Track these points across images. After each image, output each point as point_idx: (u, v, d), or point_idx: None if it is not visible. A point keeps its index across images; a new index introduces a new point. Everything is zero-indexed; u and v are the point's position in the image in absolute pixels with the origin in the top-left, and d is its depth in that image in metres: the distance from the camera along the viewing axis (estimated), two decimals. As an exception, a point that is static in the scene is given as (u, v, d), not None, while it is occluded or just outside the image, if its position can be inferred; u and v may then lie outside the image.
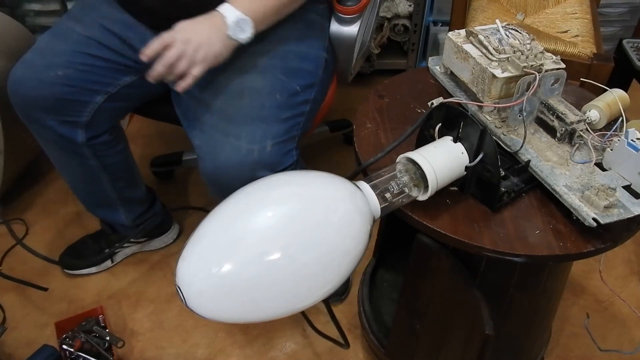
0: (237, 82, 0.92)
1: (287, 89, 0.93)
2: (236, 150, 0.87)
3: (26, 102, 0.99)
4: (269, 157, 0.88)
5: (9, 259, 1.34)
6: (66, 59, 0.97)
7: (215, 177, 0.89)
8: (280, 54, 0.95)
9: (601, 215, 0.60)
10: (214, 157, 0.88)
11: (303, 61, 0.97)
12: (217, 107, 0.91)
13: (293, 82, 0.94)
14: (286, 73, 0.94)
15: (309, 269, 0.53)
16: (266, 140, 0.88)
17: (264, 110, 0.90)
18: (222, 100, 0.92)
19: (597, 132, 0.71)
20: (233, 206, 0.57)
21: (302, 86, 0.95)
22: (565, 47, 1.23)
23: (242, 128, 0.88)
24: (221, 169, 0.88)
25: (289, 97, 0.93)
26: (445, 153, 0.64)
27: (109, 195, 1.17)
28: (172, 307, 1.24)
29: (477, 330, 0.69)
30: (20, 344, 1.16)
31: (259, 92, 0.91)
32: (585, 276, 1.31)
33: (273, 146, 0.88)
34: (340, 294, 1.24)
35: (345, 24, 1.04)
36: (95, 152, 1.08)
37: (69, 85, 0.97)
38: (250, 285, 0.52)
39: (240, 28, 0.86)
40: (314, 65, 0.99)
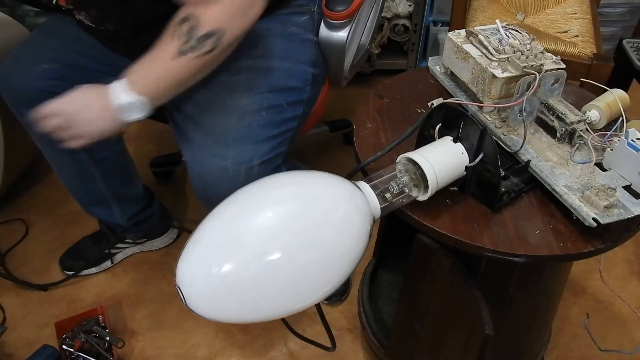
0: (224, 100, 0.91)
1: (274, 106, 0.92)
2: (223, 171, 0.87)
3: (13, 95, 1.00)
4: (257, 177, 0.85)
5: (9, 259, 1.34)
6: (54, 54, 0.98)
7: (203, 193, 0.90)
8: (265, 71, 0.93)
9: (601, 215, 0.60)
10: (201, 176, 0.89)
11: (289, 78, 0.95)
12: (204, 124, 0.91)
13: (280, 99, 0.93)
14: (272, 91, 0.92)
15: (309, 269, 0.53)
16: (253, 160, 0.88)
17: (251, 130, 0.89)
18: (208, 118, 0.91)
19: (597, 132, 0.71)
20: (233, 206, 0.57)
21: (289, 103, 0.94)
22: (565, 47, 1.23)
23: (229, 149, 0.88)
24: (209, 188, 0.88)
25: (276, 114, 0.92)
26: (445, 153, 0.64)
27: (103, 192, 1.16)
28: (172, 307, 1.24)
29: (477, 330, 0.69)
30: (20, 344, 1.16)
31: (245, 111, 0.90)
32: (585, 276, 1.31)
33: (260, 165, 0.88)
34: (341, 294, 1.24)
35: (335, 29, 1.01)
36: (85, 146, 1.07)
37: (55, 79, 0.97)
38: (250, 285, 0.52)
39: (130, 111, 0.81)
40: (301, 82, 0.97)
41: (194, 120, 0.92)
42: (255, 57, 0.93)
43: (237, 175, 0.87)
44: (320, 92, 1.08)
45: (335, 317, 1.21)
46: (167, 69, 0.80)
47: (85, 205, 1.22)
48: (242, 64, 0.92)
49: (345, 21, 1.00)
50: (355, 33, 1.11)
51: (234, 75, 0.92)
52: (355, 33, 1.11)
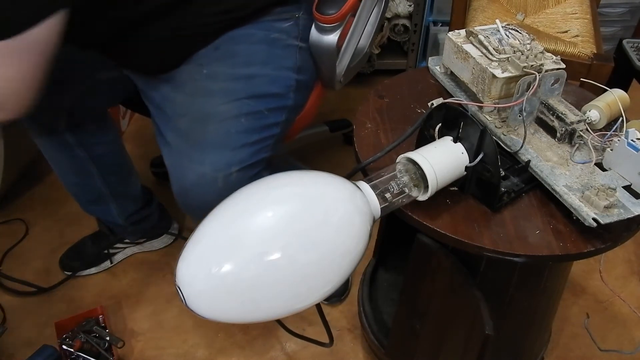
0: (201, 105, 0.90)
1: (254, 113, 0.90)
2: (200, 177, 0.86)
3: None
4: (235, 183, 0.86)
5: (9, 259, 1.34)
6: None
7: (182, 199, 0.90)
8: (245, 77, 0.91)
9: (601, 215, 0.60)
10: (180, 181, 0.88)
11: (271, 85, 0.93)
12: (183, 129, 0.90)
13: (260, 105, 0.91)
14: (252, 97, 0.91)
15: (309, 269, 0.53)
16: (231, 166, 0.87)
17: (229, 136, 0.88)
18: (187, 123, 0.90)
19: (597, 132, 0.71)
20: (233, 206, 0.57)
21: (270, 109, 0.92)
22: (565, 47, 1.23)
23: (206, 155, 0.87)
24: (187, 193, 0.88)
25: (255, 120, 0.90)
26: (445, 153, 0.64)
27: (101, 190, 1.16)
28: (172, 307, 1.24)
29: (477, 330, 0.69)
30: (20, 344, 1.16)
31: (223, 117, 0.89)
32: (585, 276, 1.31)
33: (238, 172, 0.87)
34: (340, 294, 1.24)
35: (325, 32, 0.99)
36: (80, 141, 1.07)
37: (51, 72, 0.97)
38: (250, 285, 0.52)
39: None
40: (284, 89, 0.95)
41: (173, 124, 0.91)
42: (236, 64, 0.92)
43: (214, 181, 0.86)
44: (308, 97, 1.06)
45: (335, 317, 1.21)
46: None
47: (82, 203, 1.22)
48: (222, 71, 0.91)
49: (335, 25, 0.98)
50: (353, 36, 1.10)
51: (213, 82, 0.90)
52: (353, 36, 1.10)
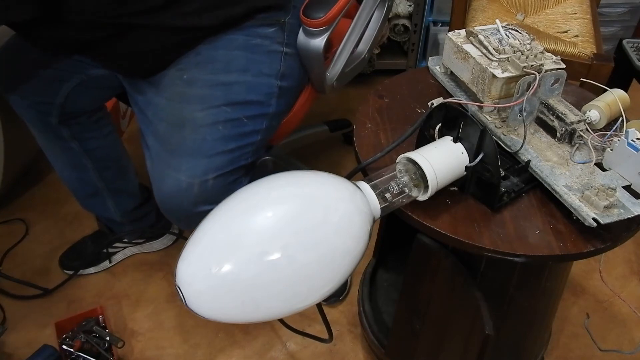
0: (179, 111, 0.89)
1: (231, 120, 0.89)
2: (176, 183, 0.86)
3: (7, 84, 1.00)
4: (211, 191, 0.86)
5: (9, 259, 1.34)
6: None
7: (161, 204, 0.89)
8: (222, 85, 0.90)
9: (601, 215, 0.60)
10: (158, 186, 0.88)
11: (250, 92, 0.92)
12: (162, 134, 0.90)
13: (238, 113, 0.90)
14: (230, 104, 0.89)
15: (309, 269, 0.53)
16: (207, 174, 0.86)
17: (205, 143, 0.87)
18: (165, 128, 0.90)
19: (597, 132, 0.71)
20: (233, 206, 0.57)
21: (249, 117, 0.91)
22: (565, 47, 1.23)
23: (182, 161, 0.87)
24: (164, 199, 0.88)
25: (233, 128, 0.89)
26: (445, 153, 0.64)
27: (96, 184, 1.17)
28: (172, 307, 1.24)
29: (477, 330, 0.69)
30: (20, 344, 1.16)
31: (199, 125, 0.88)
32: (585, 276, 1.31)
33: (215, 179, 0.87)
34: (339, 294, 1.24)
35: (312, 36, 0.97)
36: (73, 134, 1.08)
37: (44, 67, 0.98)
38: (250, 285, 0.52)
39: None
40: (264, 96, 0.93)
41: (153, 127, 0.91)
42: (215, 71, 0.90)
43: (190, 188, 0.86)
44: (293, 103, 1.05)
45: (335, 317, 1.21)
46: None
47: (80, 197, 1.22)
48: (200, 77, 0.90)
49: (322, 29, 0.96)
50: (349, 40, 1.08)
51: (190, 87, 0.90)
52: (349, 40, 1.08)
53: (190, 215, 0.87)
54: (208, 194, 0.86)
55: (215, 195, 0.86)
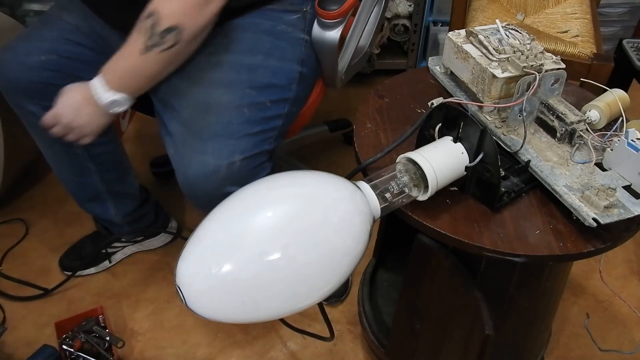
0: (204, 95, 0.90)
1: (256, 103, 0.91)
2: (203, 166, 0.86)
3: (10, 86, 1.00)
4: (238, 173, 0.87)
5: (9, 259, 1.34)
6: (50, 44, 0.98)
7: (187, 189, 0.90)
8: (248, 68, 0.92)
9: (601, 215, 0.60)
10: (183, 171, 0.88)
11: (274, 76, 0.94)
12: (185, 118, 0.90)
13: (262, 96, 0.92)
14: (255, 88, 0.91)
15: (309, 269, 0.53)
16: (234, 155, 0.87)
17: (231, 125, 0.88)
18: (189, 113, 0.90)
19: (597, 132, 0.71)
20: (233, 206, 0.57)
21: (272, 101, 0.93)
22: (565, 47, 1.23)
23: (208, 144, 0.87)
24: (190, 183, 0.88)
25: (258, 111, 0.91)
26: (445, 153, 0.64)
27: (98, 187, 1.16)
28: (172, 307, 1.24)
29: (477, 330, 0.69)
30: (20, 344, 1.16)
31: (225, 108, 0.89)
32: (585, 276, 1.31)
33: (242, 161, 0.87)
34: (340, 294, 1.24)
35: (327, 28, 1.00)
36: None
37: (52, 70, 0.97)
38: (250, 285, 0.52)
39: (116, 105, 0.88)
40: (286, 80, 0.96)
41: (176, 113, 0.92)
42: (240, 53, 0.93)
43: (217, 170, 0.86)
44: (310, 92, 1.07)
45: (335, 317, 1.21)
46: (138, 64, 0.84)
47: (80, 200, 1.22)
48: (226, 60, 0.92)
49: (337, 20, 0.99)
50: (354, 34, 1.11)
51: (216, 71, 0.91)
52: (354, 34, 1.11)
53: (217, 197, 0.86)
54: (235, 176, 0.87)
55: (242, 178, 0.87)
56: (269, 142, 0.93)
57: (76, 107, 0.89)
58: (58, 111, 0.90)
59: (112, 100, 0.86)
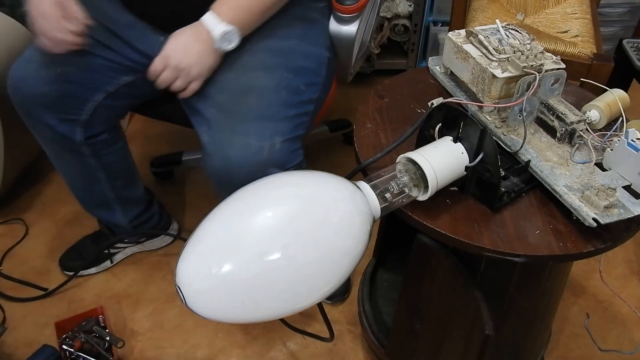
0: (243, 79, 0.92)
1: (293, 86, 0.93)
2: (246, 148, 0.87)
3: (26, 100, 0.99)
4: (279, 155, 0.88)
5: (9, 259, 1.34)
6: (66, 56, 0.97)
7: (225, 173, 0.89)
8: (284, 52, 0.95)
9: (601, 215, 0.60)
10: (223, 154, 0.88)
11: (306, 60, 0.97)
12: (224, 104, 0.91)
13: (297, 80, 0.94)
14: (291, 71, 0.94)
15: (309, 269, 0.53)
16: (275, 137, 0.88)
17: (271, 108, 0.90)
18: (228, 98, 0.91)
19: (597, 132, 0.71)
20: (233, 206, 0.57)
21: (306, 84, 0.95)
22: (565, 47, 1.23)
23: (250, 125, 0.88)
24: (231, 166, 0.88)
25: (294, 95, 0.93)
26: (445, 153, 0.64)
27: (107, 194, 1.17)
28: (172, 307, 1.24)
29: (477, 330, 0.69)
30: (20, 344, 1.16)
31: (265, 90, 0.91)
32: (585, 276, 1.31)
33: (282, 143, 0.88)
34: (342, 293, 1.25)
35: (344, 23, 1.03)
36: (94, 151, 1.08)
37: (69, 82, 0.97)
38: (250, 285, 0.52)
39: (227, 40, 0.88)
40: (317, 64, 0.99)
41: (212, 100, 0.92)
42: (275, 38, 0.95)
43: (260, 150, 0.87)
44: (333, 78, 1.08)
45: (336, 317, 1.21)
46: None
47: (87, 206, 1.22)
48: (261, 45, 0.94)
49: (354, 15, 1.02)
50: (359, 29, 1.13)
51: (253, 55, 0.93)
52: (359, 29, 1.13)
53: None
54: (276, 158, 0.88)
55: (282, 160, 0.88)
56: (302, 127, 0.94)
57: (185, 45, 0.89)
58: (166, 52, 0.89)
59: (225, 32, 0.87)
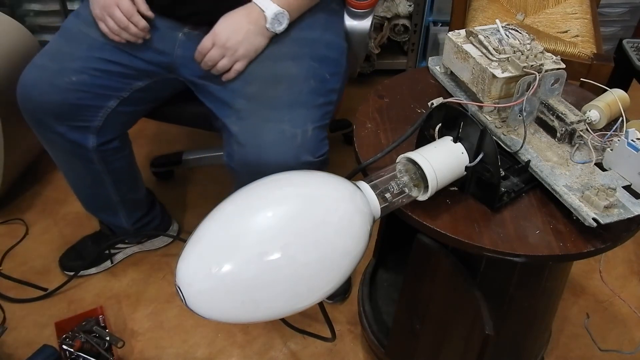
0: (272, 69, 0.93)
1: (319, 75, 0.95)
2: (280, 134, 0.87)
3: (37, 108, 0.98)
4: (311, 142, 0.89)
5: (9, 259, 1.34)
6: (80, 64, 0.96)
7: (258, 162, 0.88)
8: (309, 41, 0.96)
9: (601, 215, 0.60)
10: (257, 142, 0.88)
11: (329, 49, 0.99)
12: (254, 93, 0.92)
13: (323, 69, 0.96)
14: (316, 60, 0.95)
15: (309, 269, 0.53)
16: (307, 123, 0.89)
17: (302, 95, 0.91)
18: (258, 87, 0.92)
19: (597, 132, 0.71)
20: (233, 206, 0.57)
21: (330, 74, 0.97)
22: (565, 47, 1.23)
23: (283, 112, 0.89)
24: (266, 154, 0.88)
25: (321, 83, 0.94)
26: (445, 153, 0.64)
27: (112, 199, 1.16)
28: (172, 307, 1.24)
29: (477, 330, 0.69)
30: (20, 344, 1.16)
31: (294, 79, 0.92)
32: (585, 276, 1.31)
33: (313, 130, 0.89)
34: (343, 293, 1.25)
35: (358, 18, 1.06)
36: (103, 158, 1.07)
37: (83, 91, 0.96)
38: (250, 285, 0.52)
39: (278, 21, 0.91)
40: (339, 54, 1.01)
41: (241, 92, 0.93)
42: (299, 28, 0.96)
43: (294, 137, 0.87)
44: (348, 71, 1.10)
45: (336, 317, 1.21)
46: None
47: (91, 210, 1.22)
48: (287, 36, 0.95)
49: (367, 10, 1.05)
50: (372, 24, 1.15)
51: (279, 46, 0.94)
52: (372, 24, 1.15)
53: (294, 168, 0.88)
54: (309, 144, 0.89)
55: (314, 147, 0.89)
56: (328, 116, 0.95)
57: (235, 24, 0.90)
58: (215, 30, 0.91)
59: (276, 13, 0.89)
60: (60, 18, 1.69)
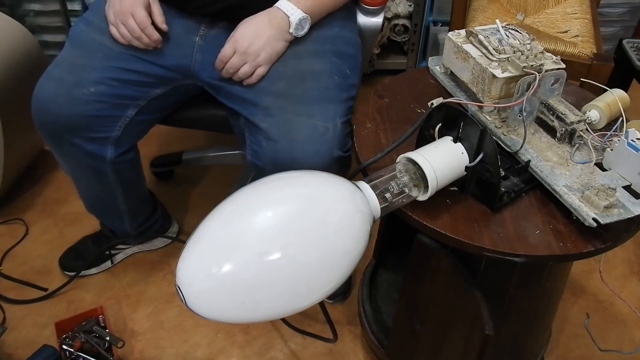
0: (295, 66, 0.93)
1: (342, 71, 0.95)
2: (313, 129, 0.88)
3: (56, 121, 0.95)
4: (340, 136, 0.89)
5: (9, 259, 1.34)
6: (97, 74, 0.94)
7: (291, 158, 0.88)
8: (328, 39, 0.97)
9: (601, 215, 0.60)
10: (290, 137, 0.88)
11: (348, 45, 1.00)
12: (282, 90, 0.92)
13: (344, 64, 0.97)
14: (337, 56, 0.96)
15: (309, 269, 0.53)
16: (336, 118, 0.90)
17: (328, 90, 0.92)
18: (285, 84, 0.92)
19: (597, 132, 0.71)
20: (233, 206, 0.57)
21: (350, 69, 0.98)
22: (565, 47, 1.23)
23: (313, 107, 0.89)
24: (300, 149, 0.87)
25: (343, 79, 0.95)
26: (445, 153, 0.64)
27: (120, 207, 1.16)
28: (172, 307, 1.24)
29: (477, 330, 0.69)
30: (20, 344, 1.16)
31: (320, 75, 0.93)
32: (585, 276, 1.31)
33: (342, 124, 0.90)
34: (343, 293, 1.25)
35: (371, 15, 1.08)
36: (118, 170, 1.06)
37: (102, 102, 0.95)
38: (250, 285, 0.52)
39: (301, 26, 0.91)
40: (356, 49, 1.02)
41: (267, 90, 0.93)
42: (321, 25, 0.97)
43: (326, 131, 0.88)
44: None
45: (336, 317, 1.21)
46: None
47: (97, 214, 1.22)
48: (307, 33, 0.95)
49: (379, 7, 1.07)
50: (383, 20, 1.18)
51: (301, 44, 0.95)
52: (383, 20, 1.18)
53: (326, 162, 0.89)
54: (339, 138, 0.89)
55: (343, 142, 0.90)
56: (350, 111, 0.96)
57: (257, 29, 0.90)
58: (236, 37, 0.91)
59: (300, 19, 0.90)
60: (60, 18, 1.68)
